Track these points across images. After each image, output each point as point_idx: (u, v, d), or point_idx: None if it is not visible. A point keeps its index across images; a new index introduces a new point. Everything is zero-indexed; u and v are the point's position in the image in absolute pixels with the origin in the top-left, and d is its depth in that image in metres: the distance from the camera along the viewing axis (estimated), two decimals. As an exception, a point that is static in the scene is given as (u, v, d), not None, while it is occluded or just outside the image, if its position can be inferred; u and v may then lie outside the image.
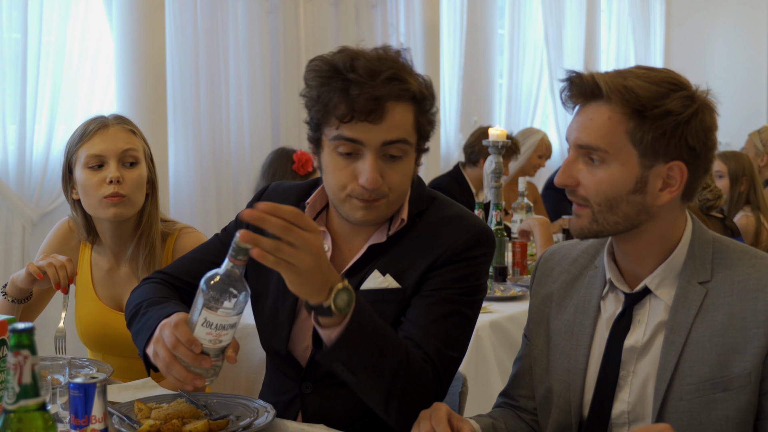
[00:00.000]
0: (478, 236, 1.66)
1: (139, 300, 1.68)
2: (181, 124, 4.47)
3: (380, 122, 1.54)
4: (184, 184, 4.52)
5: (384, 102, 1.53)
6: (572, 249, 1.63)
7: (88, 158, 2.06)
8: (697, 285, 1.41)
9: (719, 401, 1.37)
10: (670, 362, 1.40)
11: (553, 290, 1.60)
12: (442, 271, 1.63)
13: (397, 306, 1.65)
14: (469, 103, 6.46)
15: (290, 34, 4.97)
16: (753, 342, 1.36)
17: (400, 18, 5.74)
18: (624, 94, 1.36)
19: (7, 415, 1.09)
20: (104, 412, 1.40)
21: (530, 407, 1.63)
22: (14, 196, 3.76)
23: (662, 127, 1.36)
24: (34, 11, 3.81)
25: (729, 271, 1.41)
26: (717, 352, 1.38)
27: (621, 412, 1.47)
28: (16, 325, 1.10)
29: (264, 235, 1.31)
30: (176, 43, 4.42)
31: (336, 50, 1.59)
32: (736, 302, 1.39)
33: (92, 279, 2.17)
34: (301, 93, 1.63)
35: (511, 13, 6.84)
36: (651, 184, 1.40)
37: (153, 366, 1.52)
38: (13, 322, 1.49)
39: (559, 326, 1.57)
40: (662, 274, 1.45)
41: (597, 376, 1.49)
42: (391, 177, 1.58)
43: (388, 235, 1.67)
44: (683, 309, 1.41)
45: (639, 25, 8.32)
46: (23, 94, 3.75)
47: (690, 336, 1.40)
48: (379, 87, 1.52)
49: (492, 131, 3.50)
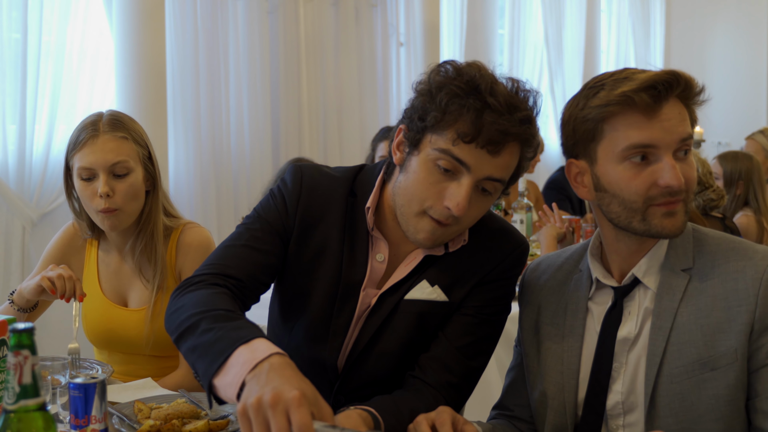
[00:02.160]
0: (523, 253, 1.67)
1: (197, 309, 1.41)
2: (181, 124, 4.47)
3: (496, 156, 1.48)
4: (184, 184, 4.52)
5: (510, 139, 1.48)
6: (557, 258, 1.68)
7: (80, 170, 2.03)
8: (680, 272, 1.47)
9: (708, 380, 1.41)
10: (658, 347, 1.44)
11: (540, 299, 1.64)
12: (488, 288, 1.63)
13: (443, 318, 1.63)
14: (469, 103, 6.45)
15: (290, 34, 4.97)
16: (736, 320, 1.40)
17: (400, 18, 5.74)
18: (701, 95, 1.45)
19: (7, 415, 1.09)
20: (104, 412, 1.40)
21: (526, 416, 1.66)
22: (14, 196, 3.76)
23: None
24: (34, 11, 3.81)
25: (710, 257, 1.47)
26: (703, 333, 1.42)
27: (615, 403, 1.49)
28: (16, 325, 1.10)
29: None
30: (176, 43, 4.42)
31: (468, 63, 1.53)
32: (718, 284, 1.43)
33: (99, 276, 2.18)
34: (417, 88, 1.55)
35: (511, 13, 6.84)
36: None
37: (219, 399, 1.28)
38: (13, 323, 1.49)
39: (549, 331, 1.60)
40: (647, 263, 1.49)
41: (590, 371, 1.52)
42: (473, 209, 1.53)
43: (447, 251, 1.63)
44: (668, 296, 1.46)
45: (639, 25, 8.32)
46: (23, 94, 3.76)
47: (676, 320, 1.44)
48: (514, 124, 1.47)
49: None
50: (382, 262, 1.63)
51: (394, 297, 1.62)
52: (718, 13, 8.40)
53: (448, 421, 1.40)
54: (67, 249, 2.21)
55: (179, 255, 2.14)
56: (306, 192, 1.65)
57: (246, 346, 1.24)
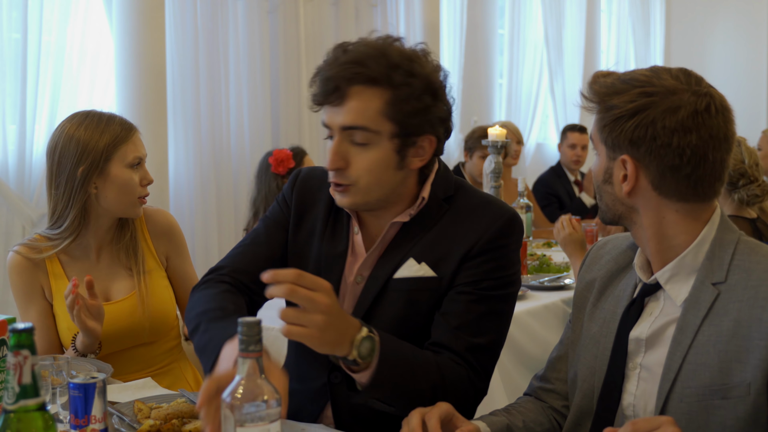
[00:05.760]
0: (510, 222, 1.66)
1: (200, 310, 1.61)
2: (181, 124, 4.47)
3: (340, 105, 1.55)
4: (184, 184, 4.52)
5: (337, 83, 1.54)
6: (625, 240, 1.62)
7: (134, 158, 2.14)
8: (710, 286, 1.39)
9: (717, 408, 1.36)
10: (675, 362, 1.40)
11: (597, 277, 1.60)
12: (478, 261, 1.62)
13: (432, 295, 1.64)
14: (469, 103, 6.46)
15: (290, 34, 4.97)
16: (755, 353, 1.33)
17: (400, 18, 5.74)
18: (589, 97, 1.45)
19: (7, 415, 1.09)
20: (104, 412, 1.41)
21: (564, 391, 1.64)
22: (14, 196, 3.76)
23: (604, 120, 1.42)
24: (34, 11, 3.81)
25: (745, 274, 1.37)
26: (720, 358, 1.36)
27: (629, 403, 1.47)
28: (16, 325, 1.10)
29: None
30: (176, 43, 4.42)
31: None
32: (744, 308, 1.35)
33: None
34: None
35: (511, 13, 6.84)
36: (615, 176, 1.44)
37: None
38: (13, 322, 1.49)
39: (597, 313, 1.57)
40: (673, 270, 1.43)
41: (607, 364, 1.50)
42: (356, 163, 1.58)
43: (410, 215, 1.66)
44: (693, 309, 1.40)
45: (639, 25, 8.32)
46: (23, 94, 3.76)
47: (696, 338, 1.38)
48: (339, 69, 1.54)
49: (491, 131, 3.50)
50: (357, 233, 1.70)
51: (381, 276, 1.65)
52: (718, 13, 8.40)
53: (436, 415, 1.40)
54: (28, 279, 2.15)
55: (154, 239, 2.24)
56: (300, 182, 1.79)
57: (230, 341, 1.38)
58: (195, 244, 4.49)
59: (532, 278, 3.41)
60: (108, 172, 2.11)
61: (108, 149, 2.11)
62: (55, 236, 2.14)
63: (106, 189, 2.11)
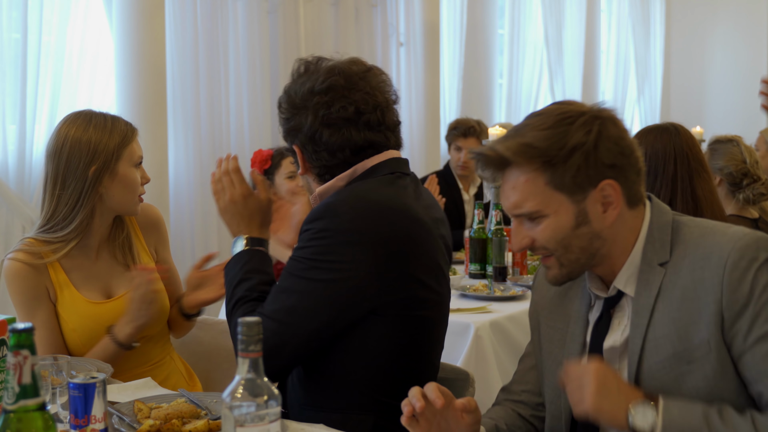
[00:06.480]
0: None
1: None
2: (181, 124, 4.47)
3: None
4: (184, 184, 4.52)
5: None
6: None
7: (138, 156, 2.19)
8: (657, 267, 1.44)
9: (686, 374, 1.40)
10: (636, 344, 1.44)
11: (546, 298, 1.64)
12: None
13: None
14: (469, 103, 6.45)
15: (290, 34, 4.97)
16: (705, 310, 1.38)
17: (400, 18, 5.74)
18: (527, 153, 1.41)
19: (7, 415, 1.09)
20: (104, 412, 1.41)
21: (533, 402, 1.66)
22: (14, 196, 3.76)
23: (575, 164, 1.40)
24: (34, 11, 3.81)
25: (683, 246, 1.44)
26: (676, 326, 1.41)
27: None
28: (16, 325, 1.11)
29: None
30: (176, 43, 4.42)
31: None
32: (687, 275, 1.41)
33: (75, 287, 2.14)
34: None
35: (511, 13, 6.84)
36: (592, 212, 1.44)
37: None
38: (12, 322, 1.49)
39: (552, 334, 1.60)
40: (627, 271, 1.47)
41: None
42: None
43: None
44: (645, 292, 1.44)
45: (639, 25, 8.31)
46: (23, 94, 3.75)
47: (653, 316, 1.43)
48: None
49: (492, 131, 3.51)
50: None
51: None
52: (718, 13, 8.39)
53: (434, 386, 1.42)
54: (32, 284, 2.12)
55: (144, 233, 2.30)
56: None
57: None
58: (195, 244, 4.49)
59: (532, 278, 3.42)
60: (117, 172, 2.13)
61: (118, 149, 2.13)
62: (57, 239, 2.12)
63: (113, 188, 2.13)
